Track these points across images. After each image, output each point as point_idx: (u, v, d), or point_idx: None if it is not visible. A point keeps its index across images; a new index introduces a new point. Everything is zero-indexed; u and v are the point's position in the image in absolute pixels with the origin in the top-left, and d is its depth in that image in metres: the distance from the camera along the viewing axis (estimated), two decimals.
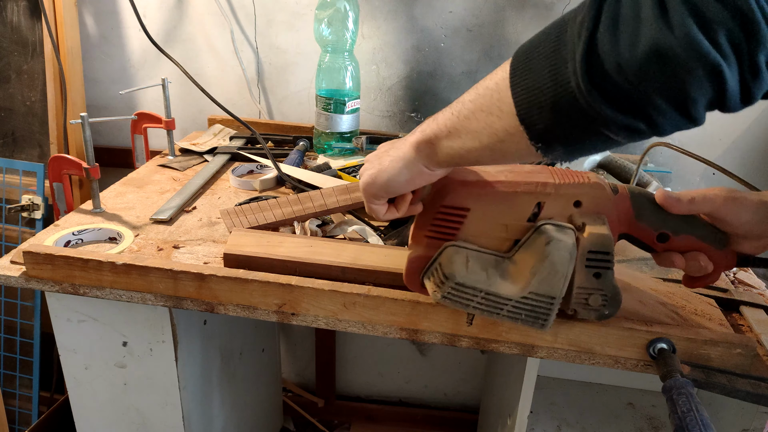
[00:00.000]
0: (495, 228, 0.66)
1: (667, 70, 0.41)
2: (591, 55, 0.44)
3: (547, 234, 0.63)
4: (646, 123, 0.45)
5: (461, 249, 0.66)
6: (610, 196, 0.65)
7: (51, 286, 0.82)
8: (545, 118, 0.48)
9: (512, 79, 0.50)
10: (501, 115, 0.51)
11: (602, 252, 0.63)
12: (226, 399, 1.19)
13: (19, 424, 1.57)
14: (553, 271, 0.62)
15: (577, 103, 0.46)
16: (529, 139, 0.50)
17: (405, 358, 1.69)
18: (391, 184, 0.64)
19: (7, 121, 1.43)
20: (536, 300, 0.64)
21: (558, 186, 0.64)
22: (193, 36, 1.40)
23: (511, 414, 0.97)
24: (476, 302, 0.65)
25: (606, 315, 0.67)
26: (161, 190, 1.10)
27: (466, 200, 0.65)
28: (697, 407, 0.58)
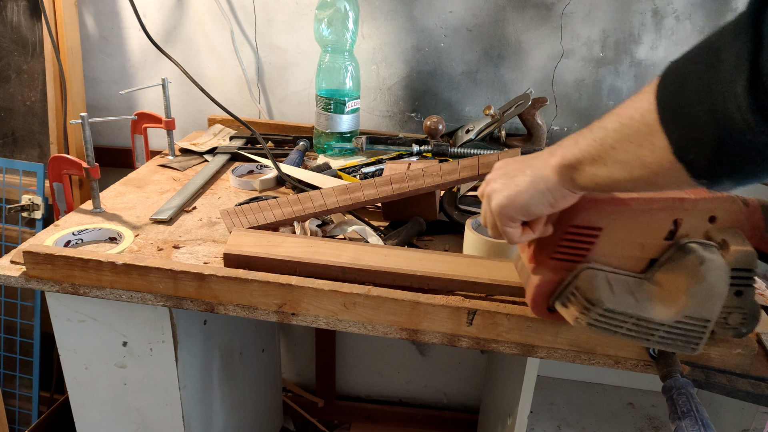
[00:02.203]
0: (630, 247, 0.63)
1: None
2: (757, 86, 0.39)
3: (697, 254, 0.60)
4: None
5: (599, 272, 0.62)
6: (742, 210, 0.63)
7: (51, 286, 0.82)
8: (707, 155, 0.44)
9: (661, 113, 0.46)
10: (653, 149, 0.47)
11: (746, 269, 0.61)
12: (226, 399, 1.19)
13: (19, 424, 1.57)
14: (711, 293, 0.60)
15: (745, 138, 0.42)
16: (690, 176, 0.47)
17: (405, 358, 1.69)
18: (532, 206, 0.60)
19: (7, 121, 1.43)
20: (690, 324, 0.61)
21: (695, 201, 0.61)
22: (193, 36, 1.40)
23: (511, 414, 0.97)
24: (626, 328, 0.62)
25: (743, 333, 0.65)
26: (161, 190, 1.10)
27: (598, 219, 0.62)
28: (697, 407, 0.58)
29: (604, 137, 0.52)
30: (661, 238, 0.62)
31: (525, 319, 0.72)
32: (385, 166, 1.08)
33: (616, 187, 0.54)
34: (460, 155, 1.17)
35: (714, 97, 0.42)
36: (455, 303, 0.73)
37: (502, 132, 1.27)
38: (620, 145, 0.51)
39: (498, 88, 1.36)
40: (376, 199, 0.93)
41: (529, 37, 1.31)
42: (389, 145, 1.24)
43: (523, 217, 0.62)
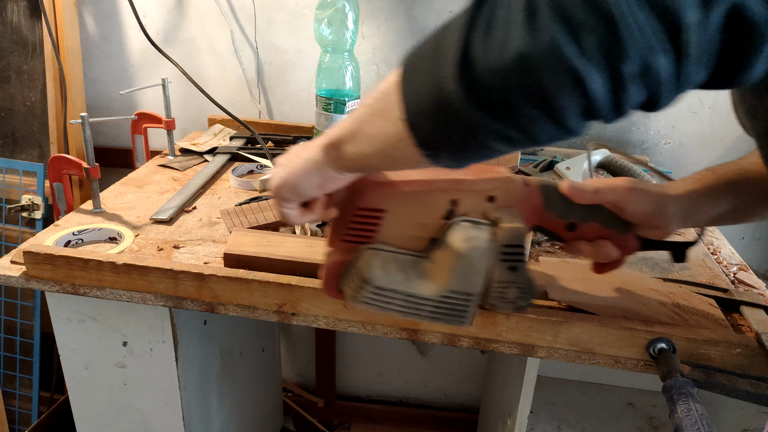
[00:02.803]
0: (412, 228, 0.65)
1: (533, 76, 0.39)
2: (466, 60, 0.42)
3: (462, 231, 0.63)
4: (519, 131, 0.43)
5: (379, 251, 0.65)
6: (521, 190, 0.66)
7: (51, 286, 0.82)
8: (429, 124, 0.47)
9: (402, 83, 0.48)
10: (391, 120, 0.49)
11: (516, 245, 0.64)
12: (226, 399, 1.19)
13: (19, 424, 1.57)
14: (471, 268, 0.63)
15: (455, 109, 0.44)
16: (416, 145, 0.49)
17: (405, 358, 1.69)
18: (301, 187, 0.62)
19: (7, 121, 1.43)
20: (455, 298, 0.64)
21: (472, 182, 0.64)
22: (193, 36, 1.40)
23: (511, 414, 0.97)
24: (396, 305, 0.65)
25: (522, 306, 0.68)
26: (161, 190, 1.10)
27: (381, 201, 0.64)
28: (697, 407, 0.59)
29: (359, 114, 0.54)
30: (440, 218, 0.65)
31: (525, 319, 0.72)
32: None
33: (367, 163, 0.56)
34: None
35: (436, 64, 0.44)
36: None
37: None
38: (370, 119, 0.53)
39: None
40: None
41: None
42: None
43: (298, 197, 0.64)
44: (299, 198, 0.64)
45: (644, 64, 0.38)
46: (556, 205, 0.67)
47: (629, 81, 0.39)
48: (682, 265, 0.93)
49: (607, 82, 0.39)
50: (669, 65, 0.39)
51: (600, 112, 0.41)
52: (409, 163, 0.53)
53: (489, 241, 0.63)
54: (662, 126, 1.34)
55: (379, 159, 0.54)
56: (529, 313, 0.72)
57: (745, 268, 0.95)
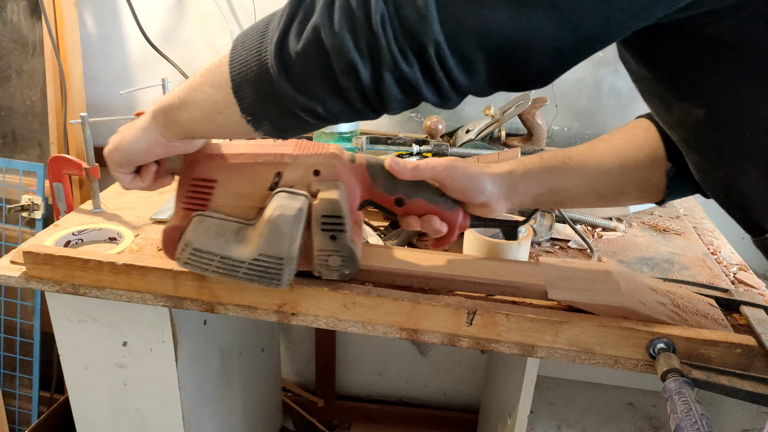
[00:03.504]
0: (240, 197, 0.71)
1: (324, 60, 0.49)
2: (283, 42, 0.50)
3: (276, 200, 0.68)
4: (321, 106, 0.52)
5: (206, 218, 0.70)
6: (347, 165, 0.70)
7: (51, 286, 0.82)
8: (251, 92, 0.54)
9: (231, 54, 0.55)
10: (220, 88, 0.56)
11: (334, 216, 0.68)
12: (225, 399, 1.19)
13: (19, 424, 1.57)
14: (278, 233, 0.67)
15: (272, 81, 0.52)
16: (240, 111, 0.56)
17: (405, 358, 1.69)
18: (130, 151, 0.66)
19: (7, 121, 1.43)
20: (267, 261, 0.68)
21: (295, 156, 0.69)
22: (193, 36, 1.40)
23: (511, 414, 0.97)
24: (214, 266, 0.70)
25: (347, 274, 0.72)
26: (161, 190, 1.10)
27: (212, 172, 0.70)
28: (697, 407, 0.59)
29: (191, 82, 0.60)
30: (265, 189, 0.70)
31: (525, 319, 0.72)
32: None
33: (195, 128, 0.62)
34: (460, 155, 1.17)
35: (261, 45, 0.53)
36: (455, 303, 0.73)
37: (502, 132, 1.27)
38: (200, 86, 0.58)
39: None
40: None
41: None
42: (389, 145, 1.24)
43: (128, 162, 0.68)
44: (129, 163, 0.69)
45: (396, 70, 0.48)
46: (382, 181, 0.71)
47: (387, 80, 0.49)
48: (682, 265, 0.93)
49: (371, 76, 0.49)
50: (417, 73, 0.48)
51: (372, 100, 0.51)
52: (234, 128, 0.59)
53: (297, 210, 0.67)
54: None
55: (206, 124, 0.60)
56: (529, 313, 0.72)
57: (745, 268, 0.95)
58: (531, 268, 0.79)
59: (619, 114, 1.34)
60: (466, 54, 0.47)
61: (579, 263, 0.83)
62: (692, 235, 1.05)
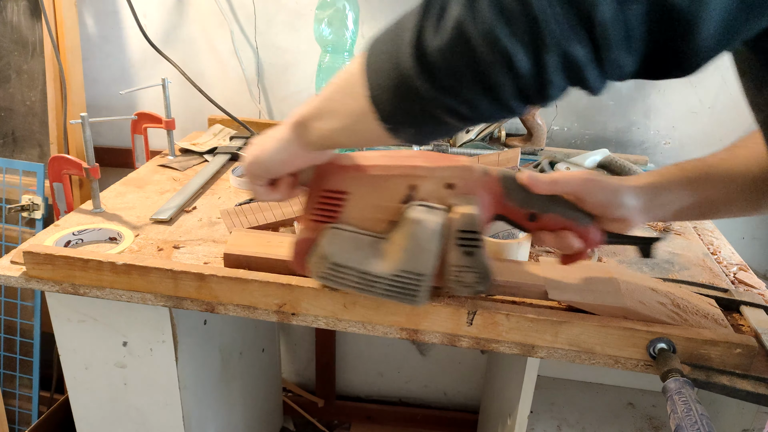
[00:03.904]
0: (372, 210, 0.69)
1: (471, 54, 0.45)
2: (420, 41, 0.47)
3: (415, 214, 0.66)
4: (466, 106, 0.48)
5: (339, 231, 0.69)
6: (481, 179, 0.68)
7: (51, 286, 0.82)
8: (390, 98, 0.52)
9: (366, 61, 0.53)
10: (356, 96, 0.54)
11: (471, 231, 0.66)
12: (226, 399, 1.19)
13: (19, 424, 1.57)
14: (420, 249, 0.66)
15: (412, 86, 0.49)
16: (379, 119, 0.53)
17: (405, 358, 1.69)
18: (270, 164, 0.66)
19: (7, 121, 1.43)
20: (407, 277, 0.67)
21: (430, 169, 0.67)
22: (193, 36, 1.40)
23: (511, 414, 0.97)
24: (352, 281, 0.69)
25: (480, 291, 0.70)
26: (161, 190, 1.10)
27: (344, 184, 0.69)
28: (697, 407, 0.59)
29: (326, 92, 0.59)
30: (399, 202, 0.68)
31: (525, 319, 0.72)
32: None
33: (334, 138, 0.60)
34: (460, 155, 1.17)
35: (395, 49, 0.50)
36: (455, 303, 0.73)
37: (502, 132, 1.27)
38: (336, 95, 0.57)
39: None
40: None
41: None
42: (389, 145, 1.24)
43: (266, 174, 0.68)
44: (267, 174, 0.68)
45: (563, 54, 0.43)
46: (516, 195, 0.69)
47: (550, 68, 0.44)
48: (682, 265, 0.93)
49: (532, 65, 0.44)
50: (586, 53, 0.43)
51: (530, 93, 0.46)
52: (373, 137, 0.57)
53: (440, 225, 0.65)
54: (662, 126, 1.34)
55: (344, 134, 0.58)
56: (529, 313, 0.72)
57: (745, 268, 0.94)
58: (531, 268, 0.79)
59: (619, 114, 1.34)
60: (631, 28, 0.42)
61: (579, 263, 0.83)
62: (692, 235, 1.05)
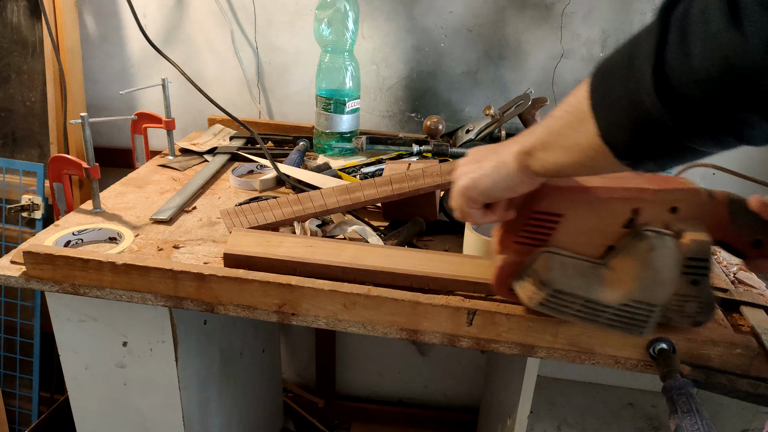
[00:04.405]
0: (589, 234, 0.65)
1: (748, 83, 0.39)
2: (662, 72, 0.43)
3: (649, 240, 0.62)
4: (734, 136, 0.44)
5: (555, 255, 0.65)
6: (706, 202, 0.64)
7: (51, 286, 0.82)
8: (626, 138, 0.48)
9: (592, 98, 0.50)
10: (586, 134, 0.51)
11: (701, 259, 0.63)
12: (226, 399, 1.18)
13: (19, 424, 1.57)
14: (657, 279, 0.62)
15: (655, 122, 0.45)
16: (614, 157, 0.50)
17: (405, 358, 1.69)
18: (493, 190, 0.64)
19: (7, 121, 1.43)
20: (636, 307, 0.64)
21: (655, 192, 0.64)
22: (193, 36, 1.40)
23: (511, 414, 0.97)
24: (575, 309, 0.66)
25: (700, 322, 0.67)
26: (161, 190, 1.10)
27: (560, 206, 0.65)
28: (697, 407, 0.58)
29: (551, 125, 0.56)
30: (620, 226, 0.64)
31: (525, 319, 0.72)
32: (385, 166, 1.08)
33: (562, 171, 0.57)
34: (460, 155, 1.17)
35: (629, 84, 0.46)
36: (455, 303, 0.73)
37: (502, 132, 1.27)
38: (562, 130, 0.55)
39: (498, 88, 1.36)
40: (376, 199, 0.93)
41: (529, 37, 1.31)
42: (389, 145, 1.24)
43: (485, 199, 0.65)
44: (489, 199, 0.66)
45: None
46: (743, 220, 0.65)
47: None
48: None
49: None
50: None
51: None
52: (608, 170, 0.55)
53: (677, 253, 0.62)
54: None
55: (575, 168, 0.56)
56: (529, 313, 0.72)
57: (745, 269, 0.94)
58: None
59: None
60: None
61: None
62: None
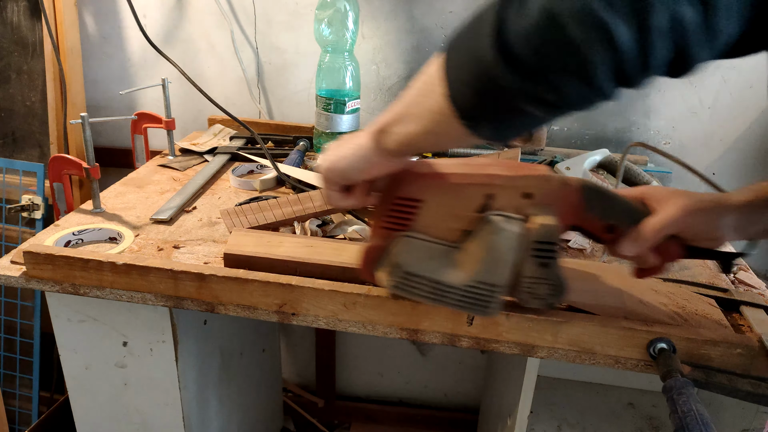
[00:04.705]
0: (447, 219, 0.68)
1: (562, 32, 0.41)
2: (500, 29, 0.45)
3: (492, 224, 0.65)
4: (553, 92, 0.45)
5: (412, 239, 0.68)
6: (560, 189, 0.66)
7: (51, 286, 0.82)
8: (470, 94, 0.50)
9: (445, 63, 0.52)
10: (435, 97, 0.53)
11: (548, 242, 0.65)
12: (226, 399, 1.18)
13: (19, 424, 1.57)
14: (496, 260, 0.65)
15: (493, 77, 0.47)
16: (458, 117, 0.52)
17: (405, 358, 1.69)
18: (349, 171, 0.65)
19: (7, 121, 1.43)
20: (480, 288, 0.67)
21: (508, 178, 0.66)
22: (193, 36, 1.40)
23: (511, 414, 0.97)
24: (425, 291, 0.68)
25: (551, 304, 0.69)
26: (161, 190, 1.10)
27: (418, 191, 0.67)
28: (697, 407, 0.59)
29: (405, 97, 0.58)
30: (474, 211, 0.67)
31: (525, 319, 0.72)
32: None
33: (413, 142, 0.59)
34: (460, 155, 1.17)
35: (476, 37, 0.48)
36: None
37: None
38: (416, 99, 0.57)
39: None
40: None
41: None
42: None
43: (344, 181, 0.67)
44: (345, 181, 0.67)
45: (671, 15, 0.39)
46: (597, 206, 0.67)
47: (656, 32, 0.40)
48: (682, 265, 0.93)
49: (634, 34, 0.40)
50: (695, 15, 0.39)
51: (629, 68, 0.42)
52: (452, 137, 0.56)
53: (518, 235, 0.64)
54: (662, 126, 1.34)
55: (423, 137, 0.58)
56: (529, 313, 0.72)
57: (745, 268, 0.94)
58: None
59: (619, 114, 1.34)
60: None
61: (579, 263, 0.83)
62: None
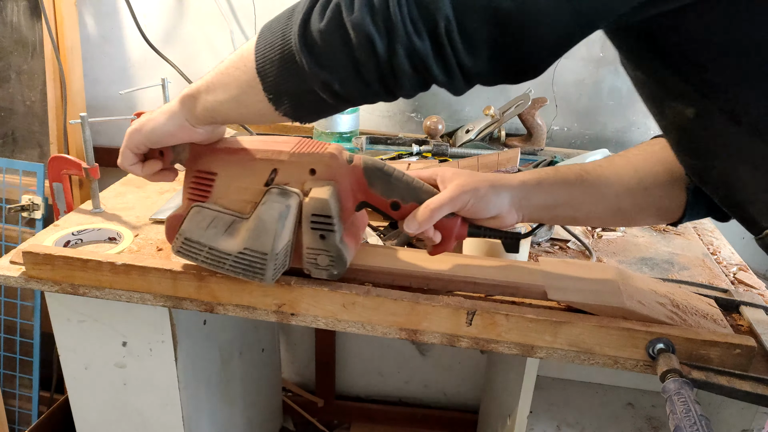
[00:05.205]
0: (238, 191, 0.73)
1: (344, 36, 0.52)
2: (307, 21, 0.54)
3: (267, 196, 0.70)
4: (339, 83, 0.55)
5: (203, 209, 0.73)
6: (343, 166, 0.70)
7: (51, 286, 0.82)
8: (274, 70, 0.57)
9: (257, 38, 0.59)
10: (246, 69, 0.59)
11: (323, 215, 0.69)
12: (226, 399, 1.19)
13: (19, 424, 1.57)
14: (263, 229, 0.69)
15: (294, 59, 0.55)
16: (263, 90, 0.59)
17: (405, 358, 1.69)
18: (154, 133, 0.68)
19: (7, 121, 1.43)
20: (252, 255, 0.70)
21: (292, 154, 0.71)
22: (192, 36, 1.40)
23: (511, 414, 0.97)
24: (202, 257, 0.72)
25: (335, 274, 0.73)
26: (161, 190, 1.10)
27: (213, 165, 0.73)
28: (696, 408, 0.59)
29: (220, 67, 0.63)
30: (262, 185, 0.72)
31: (525, 319, 0.72)
32: None
33: (221, 110, 0.64)
34: (459, 155, 1.17)
35: (288, 23, 0.56)
36: (455, 303, 0.73)
37: (502, 132, 1.27)
38: (227, 69, 0.62)
39: (498, 88, 1.36)
40: None
41: None
42: (389, 145, 1.24)
43: (148, 143, 0.70)
44: (150, 144, 0.70)
45: (408, 43, 0.50)
46: (379, 183, 0.71)
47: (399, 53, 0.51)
48: (682, 265, 0.93)
49: (386, 48, 0.51)
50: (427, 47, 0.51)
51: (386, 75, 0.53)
52: (256, 109, 0.61)
53: (285, 207, 0.69)
54: None
55: (230, 105, 0.62)
56: (529, 313, 0.72)
57: (745, 268, 0.95)
58: (530, 268, 0.79)
59: (619, 114, 1.34)
60: (471, 31, 0.50)
61: (578, 263, 0.83)
62: (692, 236, 1.05)
